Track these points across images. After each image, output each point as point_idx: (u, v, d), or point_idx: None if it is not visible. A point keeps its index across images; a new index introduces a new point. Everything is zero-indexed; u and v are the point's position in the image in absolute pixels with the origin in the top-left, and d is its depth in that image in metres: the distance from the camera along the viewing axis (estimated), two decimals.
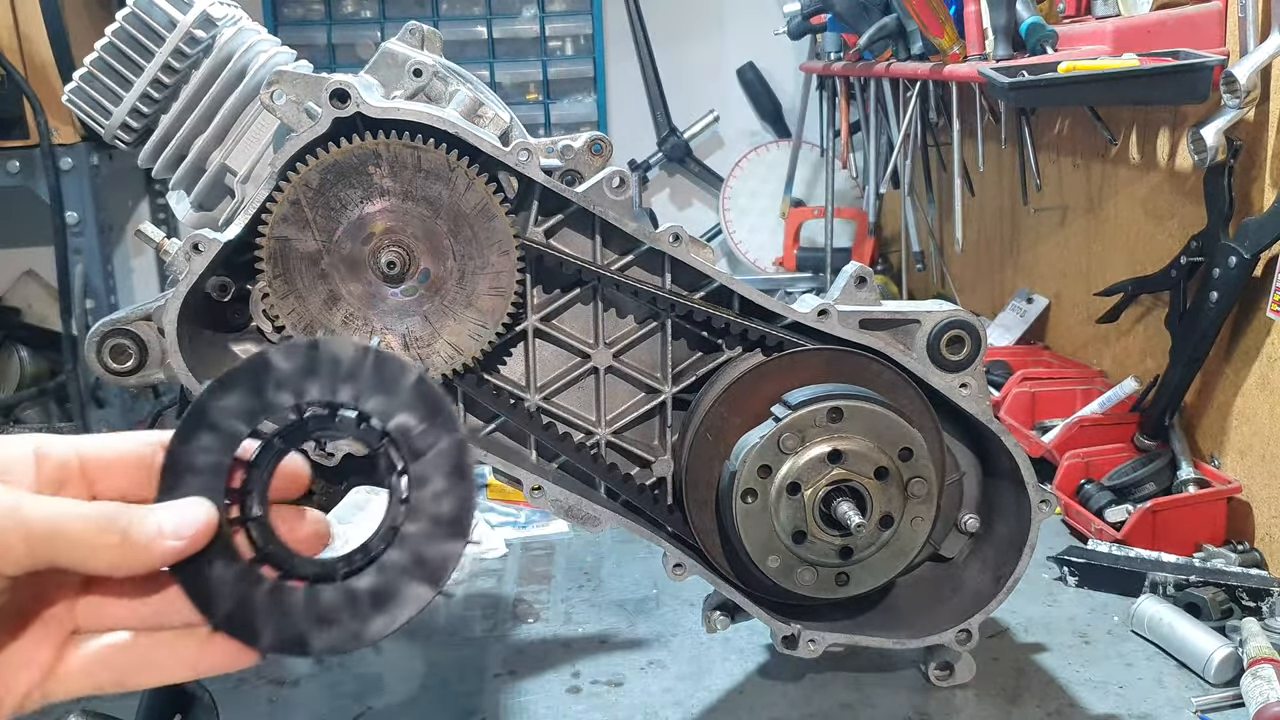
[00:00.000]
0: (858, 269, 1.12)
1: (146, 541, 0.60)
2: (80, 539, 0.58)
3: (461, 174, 1.04)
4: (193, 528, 0.61)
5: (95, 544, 0.59)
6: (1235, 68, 1.36)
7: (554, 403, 1.16)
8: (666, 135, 3.57)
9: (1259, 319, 1.45)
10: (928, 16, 1.84)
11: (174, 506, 0.61)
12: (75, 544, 0.58)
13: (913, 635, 1.17)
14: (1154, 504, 1.48)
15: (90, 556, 0.59)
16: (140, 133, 1.20)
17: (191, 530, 0.61)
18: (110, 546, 0.59)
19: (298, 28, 3.45)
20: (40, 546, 0.58)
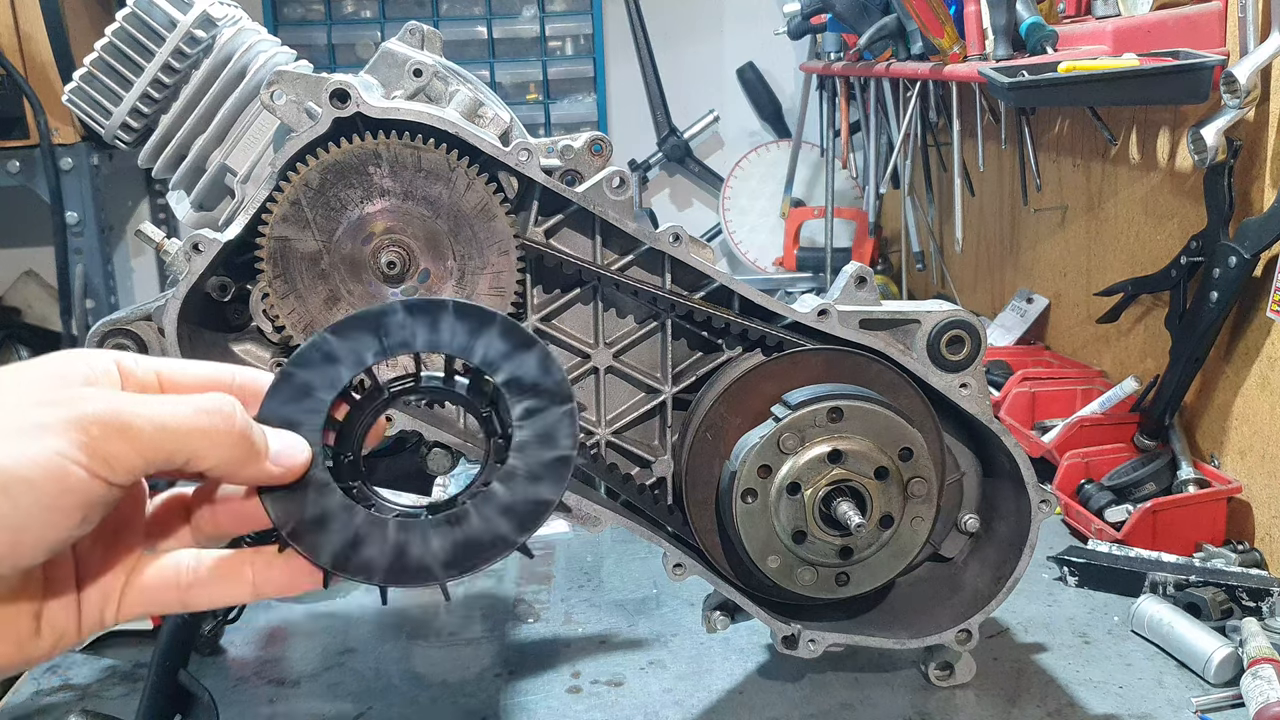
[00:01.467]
0: (858, 269, 1.12)
1: (261, 447, 0.60)
2: (195, 432, 0.57)
3: (461, 174, 1.04)
4: (292, 460, 0.61)
5: (213, 437, 0.57)
6: (1235, 68, 1.36)
7: None
8: (666, 135, 3.58)
9: (1259, 319, 1.45)
10: (928, 16, 1.84)
11: (282, 436, 0.62)
12: (189, 438, 0.57)
13: (913, 635, 1.17)
14: (1154, 504, 1.48)
15: (205, 451, 0.58)
16: (140, 133, 1.20)
17: (290, 462, 0.61)
18: (227, 442, 0.58)
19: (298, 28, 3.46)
20: (150, 448, 0.56)
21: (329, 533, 0.63)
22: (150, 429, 0.55)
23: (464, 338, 0.65)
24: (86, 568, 0.62)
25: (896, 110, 2.37)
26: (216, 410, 0.58)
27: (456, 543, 0.64)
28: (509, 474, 0.65)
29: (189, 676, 1.13)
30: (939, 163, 2.47)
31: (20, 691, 1.28)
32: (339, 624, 1.42)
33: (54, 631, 0.60)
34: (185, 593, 0.63)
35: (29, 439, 0.53)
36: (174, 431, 0.56)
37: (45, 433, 0.53)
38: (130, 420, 0.55)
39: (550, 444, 0.65)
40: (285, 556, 0.64)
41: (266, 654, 1.36)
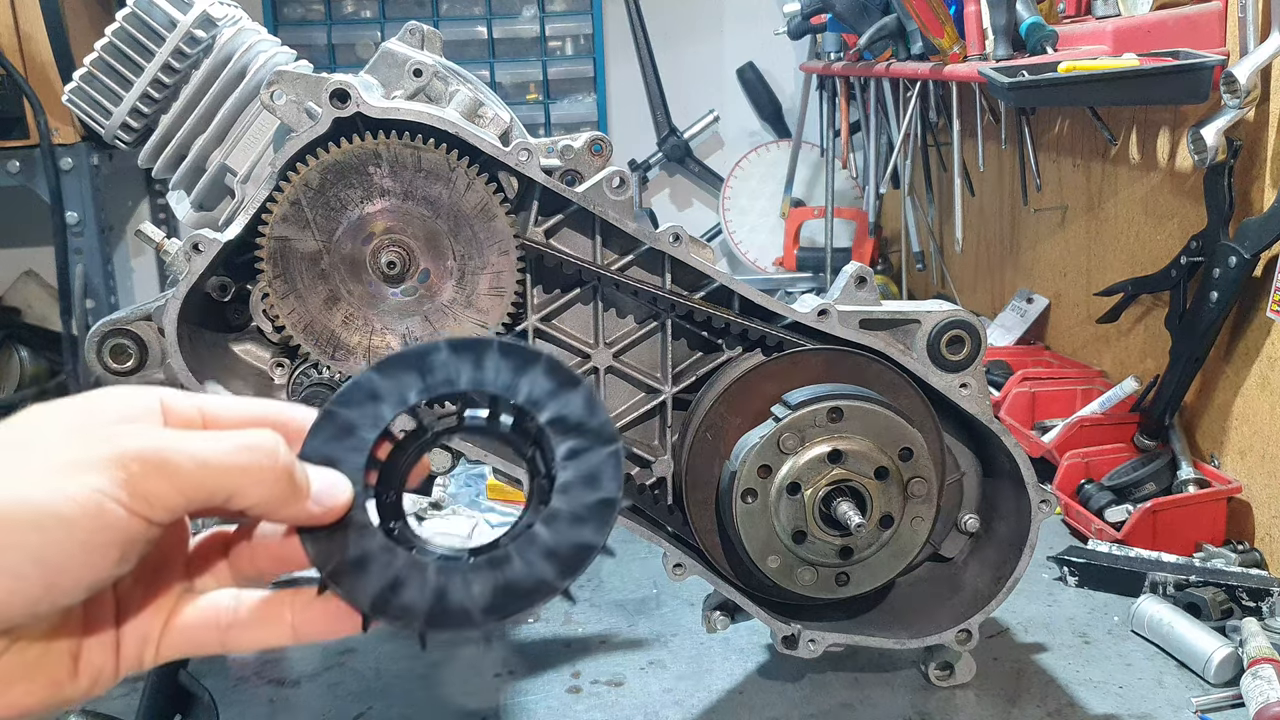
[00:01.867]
0: (858, 269, 1.12)
1: (303, 485, 0.59)
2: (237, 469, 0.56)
3: (461, 174, 1.04)
4: (333, 500, 0.60)
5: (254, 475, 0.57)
6: (1235, 68, 1.36)
7: None
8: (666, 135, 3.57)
9: (1259, 319, 1.45)
10: (928, 16, 1.84)
11: (324, 474, 0.60)
12: (231, 475, 0.56)
13: (913, 635, 1.17)
14: (1154, 504, 1.48)
15: (247, 489, 0.57)
16: (140, 133, 1.20)
17: (331, 502, 0.60)
18: (269, 480, 0.57)
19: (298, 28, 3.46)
20: (191, 485, 0.55)
21: (369, 575, 0.61)
22: (191, 466, 0.55)
23: (508, 376, 0.64)
24: (126, 606, 0.61)
25: (896, 110, 2.37)
26: (258, 447, 0.57)
27: (497, 587, 0.62)
28: (552, 516, 0.63)
29: (189, 676, 1.13)
30: (939, 163, 2.47)
31: None
32: None
33: (92, 672, 0.59)
34: (224, 634, 0.62)
35: (67, 476, 0.52)
36: (215, 468, 0.56)
37: (84, 470, 0.52)
38: (170, 457, 0.54)
39: (595, 486, 0.63)
40: (324, 599, 0.62)
41: (266, 654, 1.36)
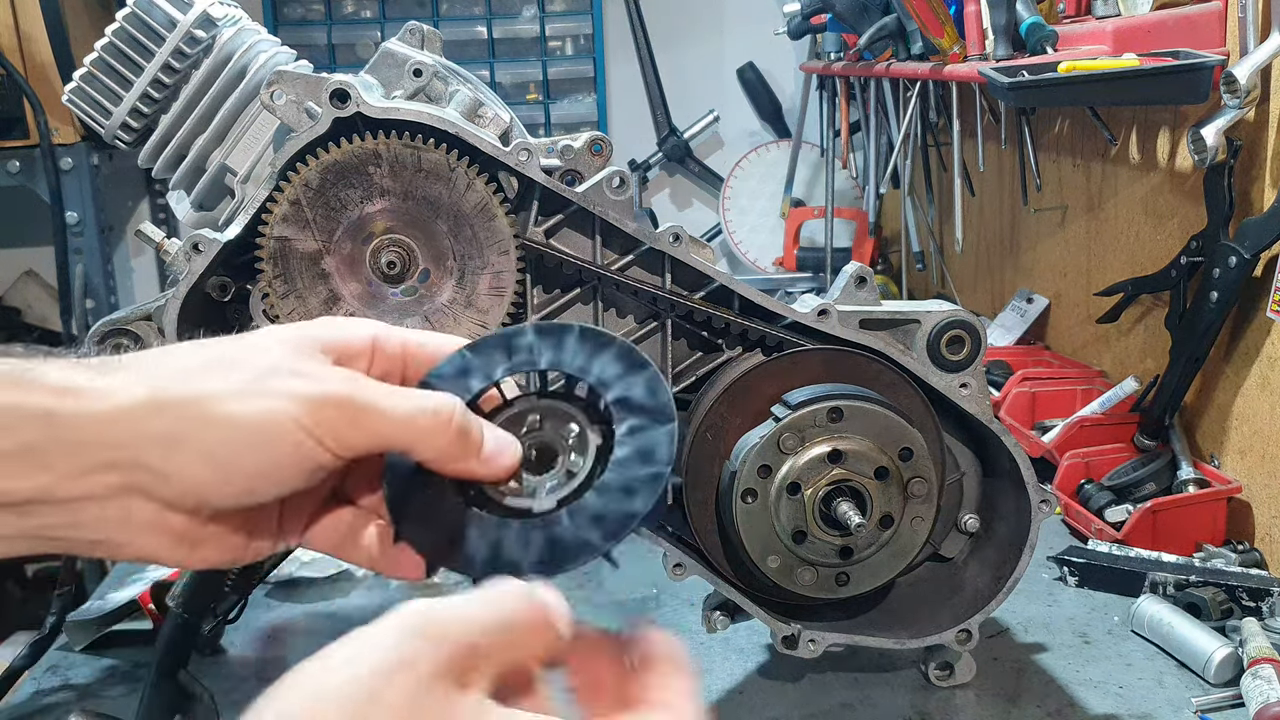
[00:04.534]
0: (858, 269, 1.12)
1: (476, 445, 0.65)
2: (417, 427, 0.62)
3: (461, 174, 1.04)
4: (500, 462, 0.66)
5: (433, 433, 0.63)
6: (1235, 68, 1.36)
7: None
8: (666, 135, 3.57)
9: (1259, 319, 1.45)
10: (928, 16, 1.84)
11: (498, 436, 0.67)
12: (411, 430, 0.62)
13: (913, 635, 1.17)
14: (1154, 504, 1.48)
15: (424, 445, 0.63)
16: (140, 133, 1.20)
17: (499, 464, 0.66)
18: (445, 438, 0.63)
19: (298, 28, 3.45)
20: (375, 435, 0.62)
21: (435, 528, 0.68)
22: (379, 420, 0.61)
23: (584, 359, 0.71)
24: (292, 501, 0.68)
25: (896, 110, 2.37)
26: (439, 411, 0.63)
27: (547, 545, 0.68)
28: (604, 486, 0.69)
29: (189, 676, 1.13)
30: (939, 163, 2.47)
31: (20, 691, 1.28)
32: (339, 624, 1.41)
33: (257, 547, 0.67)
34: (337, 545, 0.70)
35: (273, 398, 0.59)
36: (400, 424, 0.62)
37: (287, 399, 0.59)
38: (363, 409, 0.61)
39: (648, 460, 0.69)
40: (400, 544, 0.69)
41: (266, 654, 1.36)
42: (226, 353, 0.62)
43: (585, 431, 0.72)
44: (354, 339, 0.66)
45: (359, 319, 0.70)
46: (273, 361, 0.61)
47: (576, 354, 0.72)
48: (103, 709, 1.15)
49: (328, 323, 0.67)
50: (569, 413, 0.73)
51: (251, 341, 0.63)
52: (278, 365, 0.61)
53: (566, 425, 0.73)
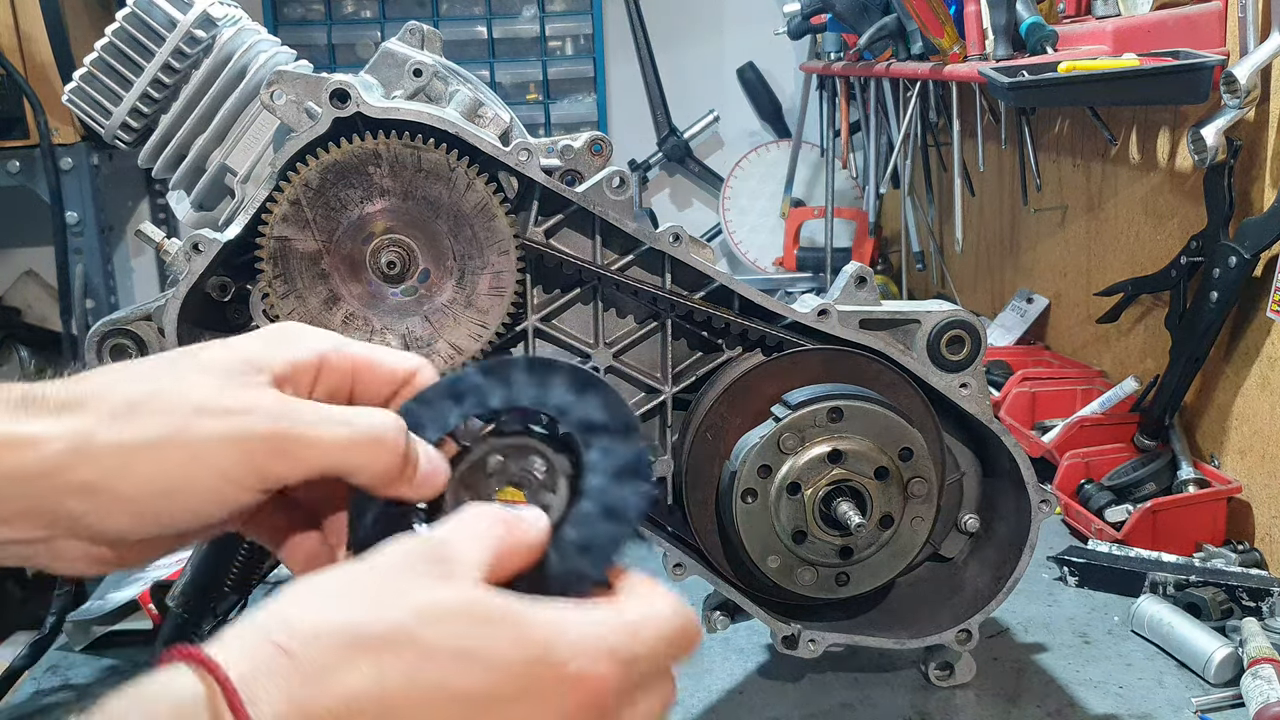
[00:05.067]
0: (858, 269, 1.12)
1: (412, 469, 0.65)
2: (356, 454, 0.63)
3: (461, 174, 1.04)
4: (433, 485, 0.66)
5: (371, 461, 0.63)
6: (1235, 68, 1.36)
7: None
8: (666, 135, 3.57)
9: (1259, 319, 1.45)
10: (928, 16, 1.84)
11: (431, 458, 0.66)
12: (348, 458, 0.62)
13: (913, 635, 1.17)
14: (1154, 504, 1.48)
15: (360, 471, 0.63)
16: (140, 133, 1.20)
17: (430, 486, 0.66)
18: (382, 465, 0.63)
19: (298, 28, 3.45)
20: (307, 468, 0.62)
21: None
22: (308, 450, 0.61)
23: (535, 389, 0.69)
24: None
25: (896, 110, 2.37)
26: (380, 439, 0.63)
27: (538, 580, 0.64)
28: (585, 514, 0.67)
29: None
30: (939, 163, 2.47)
31: (20, 691, 1.28)
32: None
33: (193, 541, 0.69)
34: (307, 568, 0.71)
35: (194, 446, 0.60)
36: (335, 454, 0.62)
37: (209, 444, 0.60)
38: (292, 441, 0.61)
39: (622, 482, 0.67)
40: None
41: None
42: (158, 389, 0.61)
43: (553, 463, 0.70)
44: (298, 357, 0.65)
45: (314, 331, 0.69)
46: (200, 400, 0.61)
47: (526, 386, 0.69)
48: None
49: (276, 337, 0.67)
50: (532, 447, 0.71)
51: (185, 372, 0.63)
52: (204, 404, 0.60)
53: (531, 459, 0.71)
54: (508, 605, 0.55)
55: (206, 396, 0.61)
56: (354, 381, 0.68)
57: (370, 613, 0.52)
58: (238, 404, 0.61)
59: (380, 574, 0.55)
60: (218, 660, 0.51)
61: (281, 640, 0.51)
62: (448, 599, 0.54)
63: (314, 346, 0.67)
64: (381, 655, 0.51)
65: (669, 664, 0.61)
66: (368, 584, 0.54)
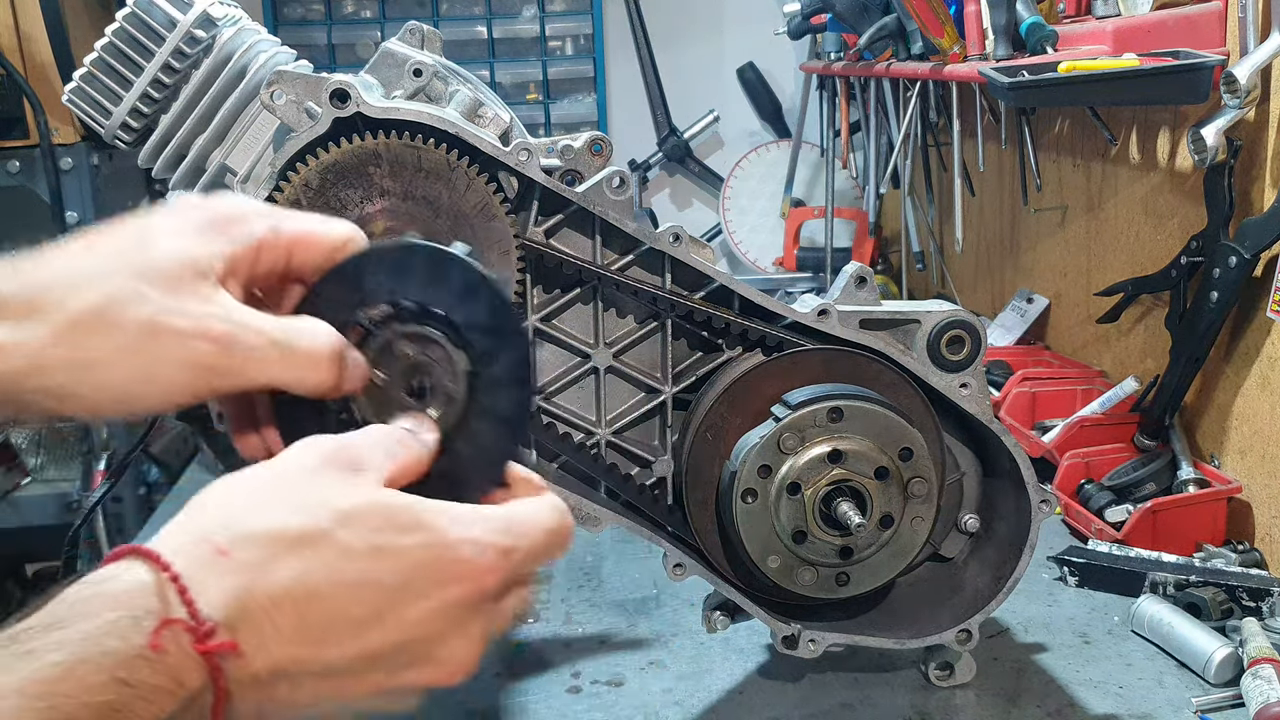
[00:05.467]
0: (858, 269, 1.12)
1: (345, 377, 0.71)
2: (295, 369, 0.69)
3: (461, 174, 1.04)
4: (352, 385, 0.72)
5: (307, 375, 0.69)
6: (1235, 68, 1.36)
7: (554, 403, 1.16)
8: (666, 135, 3.57)
9: (1259, 319, 1.45)
10: (928, 16, 1.84)
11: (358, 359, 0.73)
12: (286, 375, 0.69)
13: (913, 635, 1.17)
14: (1154, 504, 1.48)
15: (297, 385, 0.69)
16: (140, 133, 1.20)
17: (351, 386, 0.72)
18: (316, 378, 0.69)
19: (298, 28, 3.45)
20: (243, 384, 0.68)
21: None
22: (253, 372, 0.67)
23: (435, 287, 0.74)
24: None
25: (896, 110, 2.37)
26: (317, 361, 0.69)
27: (439, 475, 0.71)
28: (476, 423, 0.74)
29: None
30: (939, 163, 2.47)
31: None
32: None
33: None
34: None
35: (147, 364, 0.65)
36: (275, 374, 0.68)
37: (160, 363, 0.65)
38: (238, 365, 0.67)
39: (513, 384, 0.74)
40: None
41: None
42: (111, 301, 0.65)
43: (451, 357, 0.76)
44: (237, 248, 0.70)
45: (252, 209, 0.73)
46: (149, 317, 0.65)
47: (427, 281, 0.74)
48: None
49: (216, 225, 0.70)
50: (432, 337, 0.76)
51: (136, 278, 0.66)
52: (154, 324, 0.65)
53: (433, 348, 0.76)
54: (410, 504, 0.63)
55: (156, 313, 0.65)
56: (290, 256, 0.72)
57: (294, 517, 0.60)
58: (187, 325, 0.65)
59: (297, 477, 0.63)
60: (163, 555, 0.57)
61: (219, 541, 0.58)
62: (359, 501, 0.62)
63: (252, 233, 0.71)
64: (305, 552, 0.59)
65: (547, 560, 0.69)
66: (289, 487, 0.62)
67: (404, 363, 0.76)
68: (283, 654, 0.58)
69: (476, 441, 0.74)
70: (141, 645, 0.53)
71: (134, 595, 0.55)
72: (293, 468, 0.63)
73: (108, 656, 0.52)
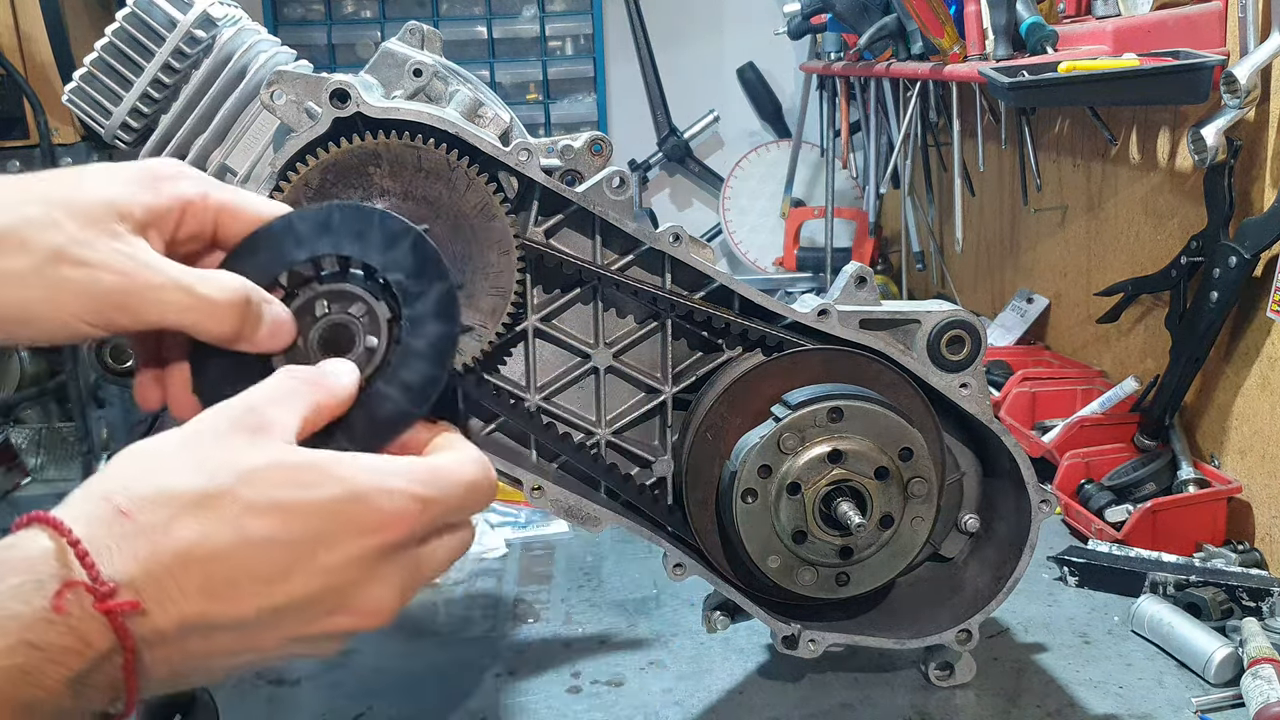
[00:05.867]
0: (858, 269, 1.12)
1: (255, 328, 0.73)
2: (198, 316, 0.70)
3: (461, 174, 1.04)
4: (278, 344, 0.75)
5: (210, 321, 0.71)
6: (1235, 68, 1.36)
7: (554, 403, 1.16)
8: (666, 135, 3.57)
9: (1259, 319, 1.45)
10: (928, 16, 1.84)
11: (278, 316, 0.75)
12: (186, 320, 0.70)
13: (913, 635, 1.17)
14: (1154, 504, 1.48)
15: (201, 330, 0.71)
16: (140, 133, 1.20)
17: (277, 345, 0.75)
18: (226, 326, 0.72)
19: (298, 28, 3.45)
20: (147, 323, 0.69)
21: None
22: (152, 312, 0.69)
23: (352, 237, 0.78)
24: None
25: (896, 110, 2.37)
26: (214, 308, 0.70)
27: (365, 419, 0.74)
28: (397, 364, 0.77)
29: None
30: (939, 163, 2.47)
31: None
32: None
33: None
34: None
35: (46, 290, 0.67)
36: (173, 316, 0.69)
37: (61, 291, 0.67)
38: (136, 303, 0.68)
39: (436, 321, 0.77)
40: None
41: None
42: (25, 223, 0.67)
43: (373, 309, 0.80)
44: (161, 203, 0.71)
45: (187, 174, 0.74)
46: (60, 245, 0.67)
47: (346, 235, 0.78)
48: None
49: (146, 179, 0.72)
50: (353, 293, 0.80)
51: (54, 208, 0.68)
52: (63, 251, 0.67)
53: (354, 304, 0.80)
54: (315, 457, 0.65)
55: (67, 243, 0.67)
56: (216, 225, 0.74)
57: (196, 477, 0.61)
58: (94, 256, 0.67)
59: (202, 440, 0.64)
60: (64, 520, 0.58)
61: (121, 504, 0.59)
62: (262, 460, 0.63)
63: (179, 193, 0.72)
64: (207, 513, 0.60)
65: (468, 511, 0.70)
66: (193, 450, 0.63)
67: (325, 321, 0.79)
68: (190, 610, 0.59)
69: (399, 380, 0.76)
70: (45, 608, 0.55)
71: (35, 561, 0.56)
72: (202, 430, 0.65)
73: (13, 620, 0.54)
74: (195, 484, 0.61)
